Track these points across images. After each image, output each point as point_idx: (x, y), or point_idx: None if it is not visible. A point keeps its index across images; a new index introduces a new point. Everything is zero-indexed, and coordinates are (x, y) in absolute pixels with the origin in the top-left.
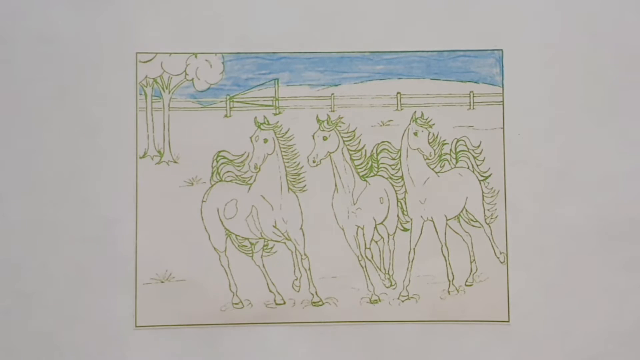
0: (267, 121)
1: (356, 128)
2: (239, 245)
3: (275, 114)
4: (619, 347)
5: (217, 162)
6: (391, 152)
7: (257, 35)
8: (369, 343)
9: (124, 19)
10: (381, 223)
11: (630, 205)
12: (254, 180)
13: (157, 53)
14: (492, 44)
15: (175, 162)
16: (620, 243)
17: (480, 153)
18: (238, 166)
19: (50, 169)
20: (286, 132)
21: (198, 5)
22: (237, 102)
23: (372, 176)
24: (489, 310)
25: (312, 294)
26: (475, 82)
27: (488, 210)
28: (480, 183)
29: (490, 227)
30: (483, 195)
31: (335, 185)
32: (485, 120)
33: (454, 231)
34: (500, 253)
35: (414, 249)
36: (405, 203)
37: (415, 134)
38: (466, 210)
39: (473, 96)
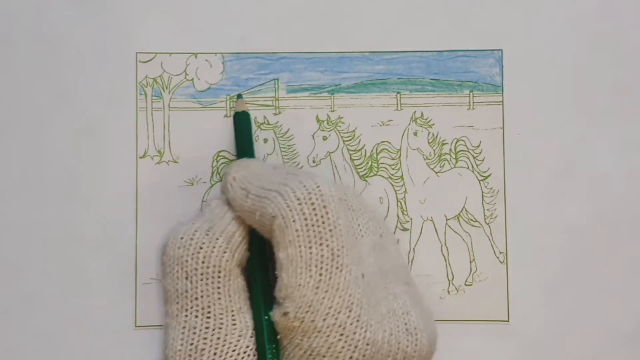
0: (267, 121)
1: (356, 128)
2: None
3: (275, 114)
4: (619, 347)
5: (217, 162)
6: (391, 152)
7: (257, 35)
8: None
9: (124, 19)
10: None
11: (631, 205)
12: None
13: (157, 53)
14: (492, 44)
15: (175, 162)
16: (620, 243)
17: (480, 153)
18: None
19: (50, 169)
20: (286, 132)
21: (198, 5)
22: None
23: (372, 176)
24: (488, 310)
25: None
26: (475, 82)
27: (488, 210)
28: (480, 183)
29: (489, 226)
30: (483, 195)
31: None
32: (485, 120)
33: (454, 231)
34: (500, 253)
35: (413, 248)
36: (405, 203)
37: (415, 133)
38: (466, 210)
39: (473, 96)
